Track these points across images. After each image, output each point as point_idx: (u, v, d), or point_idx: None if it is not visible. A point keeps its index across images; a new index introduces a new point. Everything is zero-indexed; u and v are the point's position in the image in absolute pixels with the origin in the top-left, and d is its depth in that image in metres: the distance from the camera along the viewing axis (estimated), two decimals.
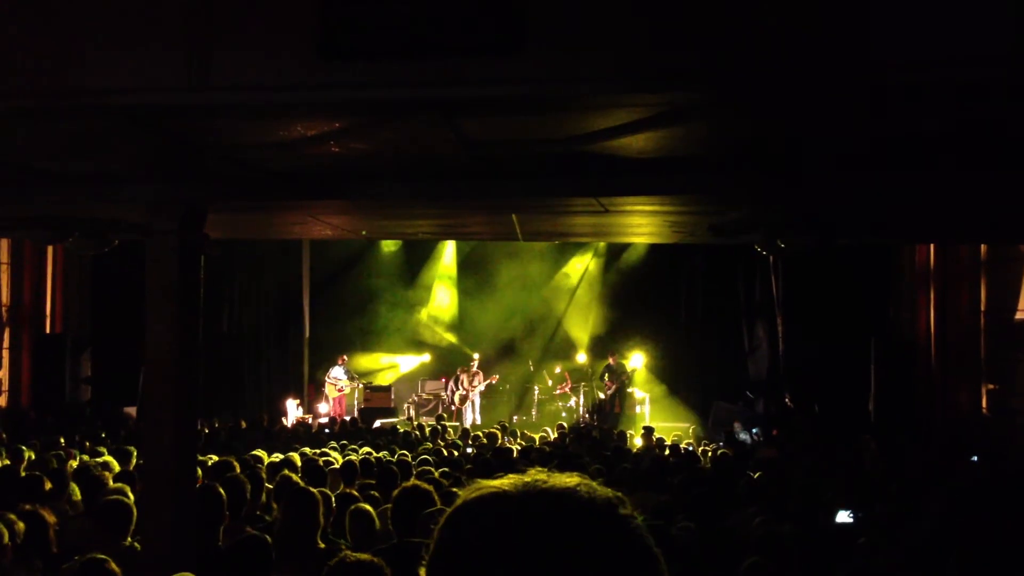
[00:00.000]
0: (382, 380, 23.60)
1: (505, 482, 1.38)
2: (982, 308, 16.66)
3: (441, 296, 24.49)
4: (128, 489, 7.67)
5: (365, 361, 23.98)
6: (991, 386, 16.49)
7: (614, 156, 7.02)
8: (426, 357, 24.43)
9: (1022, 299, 15.84)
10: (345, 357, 22.88)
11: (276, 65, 5.06)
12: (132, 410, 18.89)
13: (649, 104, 5.49)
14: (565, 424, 18.91)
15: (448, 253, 24.37)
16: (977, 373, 16.89)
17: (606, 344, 22.93)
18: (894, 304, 19.71)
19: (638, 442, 16.13)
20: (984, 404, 16.67)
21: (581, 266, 23.84)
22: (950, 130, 6.21)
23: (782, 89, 5.02)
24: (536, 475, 1.37)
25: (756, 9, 4.74)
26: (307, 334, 23.90)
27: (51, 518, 5.94)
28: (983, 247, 16.34)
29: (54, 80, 5.36)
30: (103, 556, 4.63)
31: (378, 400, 22.46)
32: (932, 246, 17.87)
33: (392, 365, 24.42)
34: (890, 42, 4.65)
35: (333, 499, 7.99)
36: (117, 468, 10.03)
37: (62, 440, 13.37)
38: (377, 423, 19.65)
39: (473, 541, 1.30)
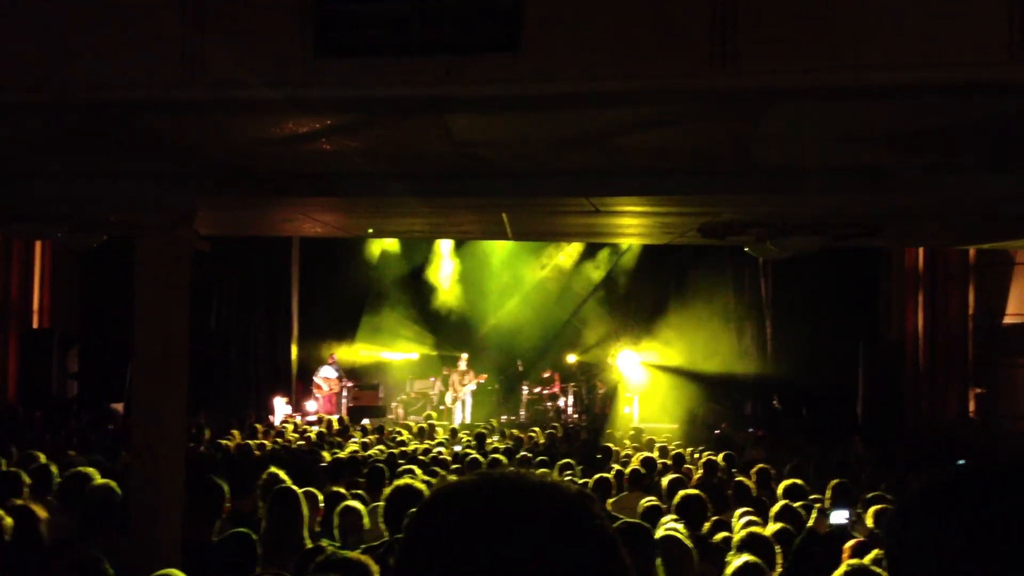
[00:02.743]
0: (371, 379, 23.56)
1: (475, 477, 1.38)
2: (970, 312, 16.72)
3: (431, 295, 24.45)
4: (115, 485, 7.63)
5: (354, 359, 23.93)
6: (979, 390, 16.55)
7: (606, 157, 7.03)
8: (414, 356, 24.41)
9: (1011, 303, 15.89)
10: (335, 355, 22.86)
11: (269, 61, 5.05)
12: (119, 406, 18.82)
13: (643, 105, 5.49)
14: (557, 425, 18.90)
15: (439, 252, 24.35)
16: (965, 377, 16.95)
17: (595, 345, 22.96)
18: (883, 307, 19.77)
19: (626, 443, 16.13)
20: (971, 408, 16.72)
21: (571, 267, 23.82)
22: (939, 132, 6.23)
23: (774, 90, 5.03)
24: (506, 471, 1.37)
25: (749, 11, 4.75)
26: (296, 332, 23.85)
27: (42, 513, 5.91)
28: (972, 251, 16.39)
29: (45, 75, 5.34)
30: (96, 554, 4.61)
31: (366, 399, 22.44)
32: (921, 250, 17.93)
33: (381, 364, 24.37)
34: (881, 43, 4.66)
35: (320, 497, 7.98)
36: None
37: (48, 436, 13.32)
38: (365, 421, 19.62)
39: (441, 533, 1.30)
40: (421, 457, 11.82)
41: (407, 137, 6.51)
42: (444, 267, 24.42)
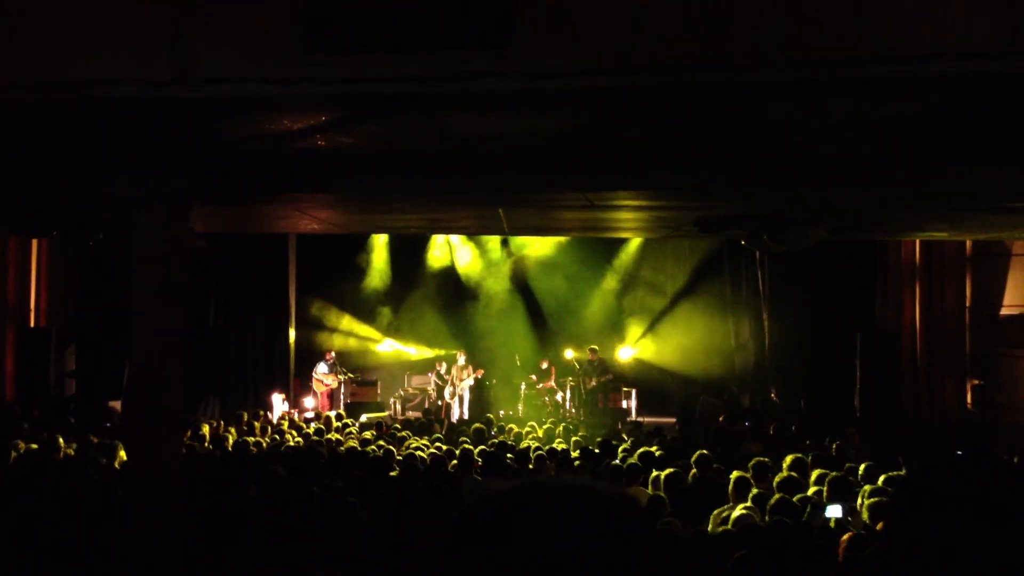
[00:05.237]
0: (368, 375, 23.56)
1: (518, 483, 1.39)
2: (967, 303, 16.72)
3: (428, 290, 24.44)
4: (113, 483, 7.64)
5: (351, 355, 23.95)
6: (976, 381, 16.56)
7: (600, 151, 7.03)
8: (412, 351, 24.43)
9: (1007, 295, 15.91)
10: (332, 352, 22.86)
11: (262, 58, 5.04)
12: (117, 404, 18.82)
13: (636, 100, 5.49)
14: (555, 420, 18.88)
15: (436, 248, 24.34)
16: (962, 368, 16.96)
17: (591, 338, 22.93)
18: (879, 299, 19.77)
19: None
20: (969, 399, 16.74)
21: (564, 260, 23.76)
22: (933, 124, 6.23)
23: (775, 84, 5.03)
24: (548, 476, 1.38)
25: (741, 5, 4.74)
26: (293, 329, 23.85)
27: (47, 512, 5.91)
28: (968, 242, 16.40)
29: (39, 73, 5.33)
30: None
31: (364, 395, 22.44)
32: (917, 241, 17.93)
33: (378, 359, 24.39)
34: (876, 35, 4.66)
35: (319, 492, 7.99)
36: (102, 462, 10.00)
37: (44, 435, 13.31)
38: (363, 417, 19.63)
39: (486, 541, 1.31)
40: (420, 453, 11.82)
41: (400, 133, 6.51)
42: (441, 261, 24.41)
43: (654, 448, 12.41)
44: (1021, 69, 4.54)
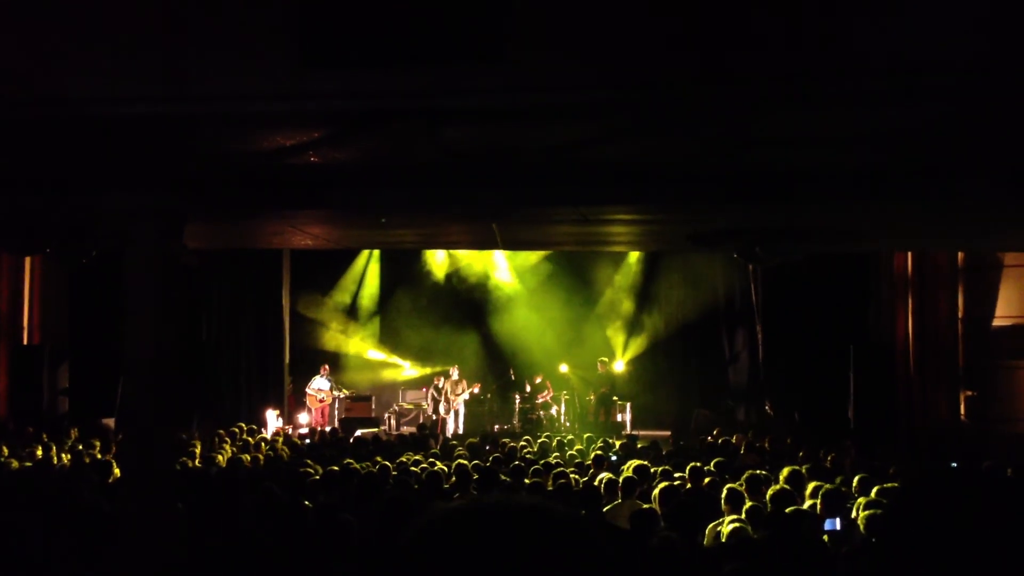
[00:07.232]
0: (363, 390, 23.52)
1: (465, 503, 1.35)
2: (960, 315, 16.76)
3: (421, 305, 24.41)
4: (106, 501, 7.61)
5: (344, 371, 23.91)
6: (969, 393, 16.59)
7: (593, 165, 7.04)
8: (406, 366, 24.41)
9: (999, 306, 15.95)
10: (327, 367, 22.80)
11: (256, 75, 5.05)
12: (110, 421, 18.76)
13: (627, 113, 5.50)
14: (550, 435, 18.82)
15: (430, 262, 24.34)
16: (955, 380, 16.98)
17: (585, 352, 22.93)
18: (873, 311, 19.81)
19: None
20: (962, 411, 16.76)
21: (562, 274, 23.77)
22: (923, 138, 6.26)
23: (761, 97, 5.05)
24: (495, 495, 1.35)
25: (733, 19, 4.76)
26: (287, 343, 23.79)
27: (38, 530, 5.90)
28: (960, 254, 16.45)
29: (33, 90, 5.33)
30: None
31: (359, 410, 22.38)
32: (910, 253, 17.98)
33: (372, 375, 24.35)
34: (866, 47, 4.69)
35: (312, 510, 7.96)
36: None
37: (39, 451, 13.27)
38: (358, 433, 19.58)
39: (433, 563, 1.27)
40: (414, 469, 11.79)
41: (393, 149, 6.52)
42: (438, 272, 24.41)
43: (648, 461, 12.39)
44: (1009, 84, 4.57)
